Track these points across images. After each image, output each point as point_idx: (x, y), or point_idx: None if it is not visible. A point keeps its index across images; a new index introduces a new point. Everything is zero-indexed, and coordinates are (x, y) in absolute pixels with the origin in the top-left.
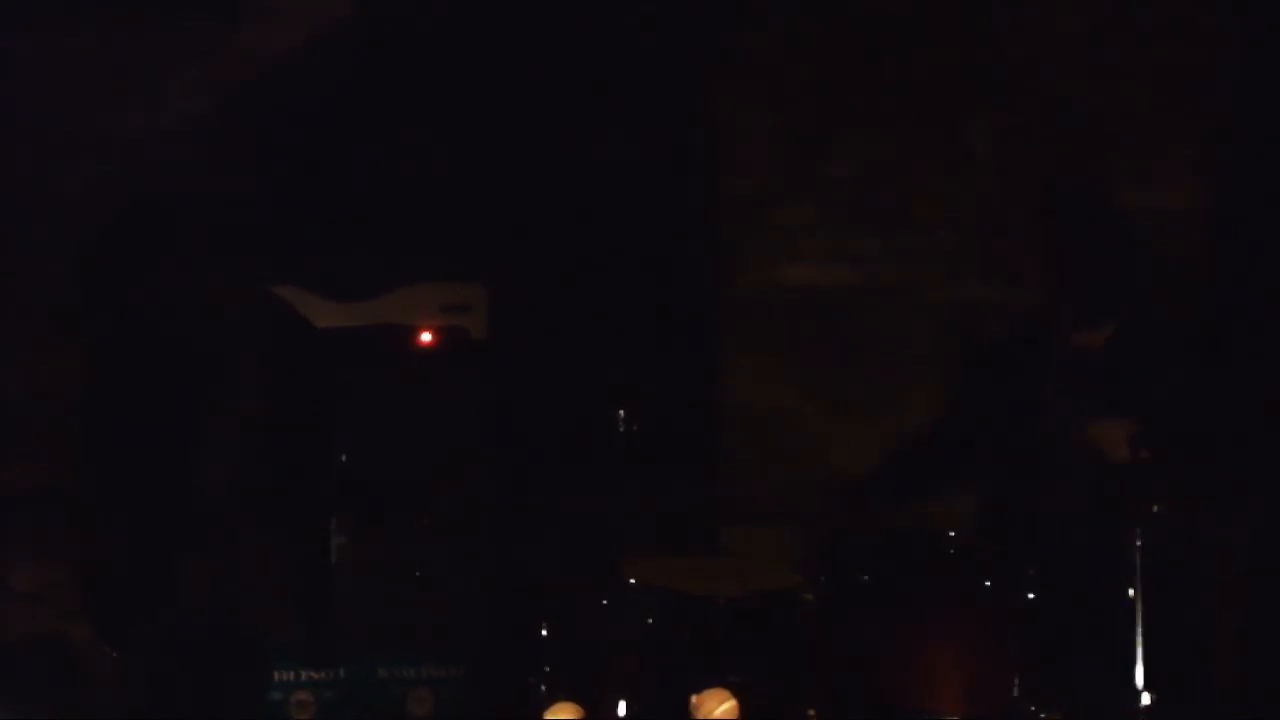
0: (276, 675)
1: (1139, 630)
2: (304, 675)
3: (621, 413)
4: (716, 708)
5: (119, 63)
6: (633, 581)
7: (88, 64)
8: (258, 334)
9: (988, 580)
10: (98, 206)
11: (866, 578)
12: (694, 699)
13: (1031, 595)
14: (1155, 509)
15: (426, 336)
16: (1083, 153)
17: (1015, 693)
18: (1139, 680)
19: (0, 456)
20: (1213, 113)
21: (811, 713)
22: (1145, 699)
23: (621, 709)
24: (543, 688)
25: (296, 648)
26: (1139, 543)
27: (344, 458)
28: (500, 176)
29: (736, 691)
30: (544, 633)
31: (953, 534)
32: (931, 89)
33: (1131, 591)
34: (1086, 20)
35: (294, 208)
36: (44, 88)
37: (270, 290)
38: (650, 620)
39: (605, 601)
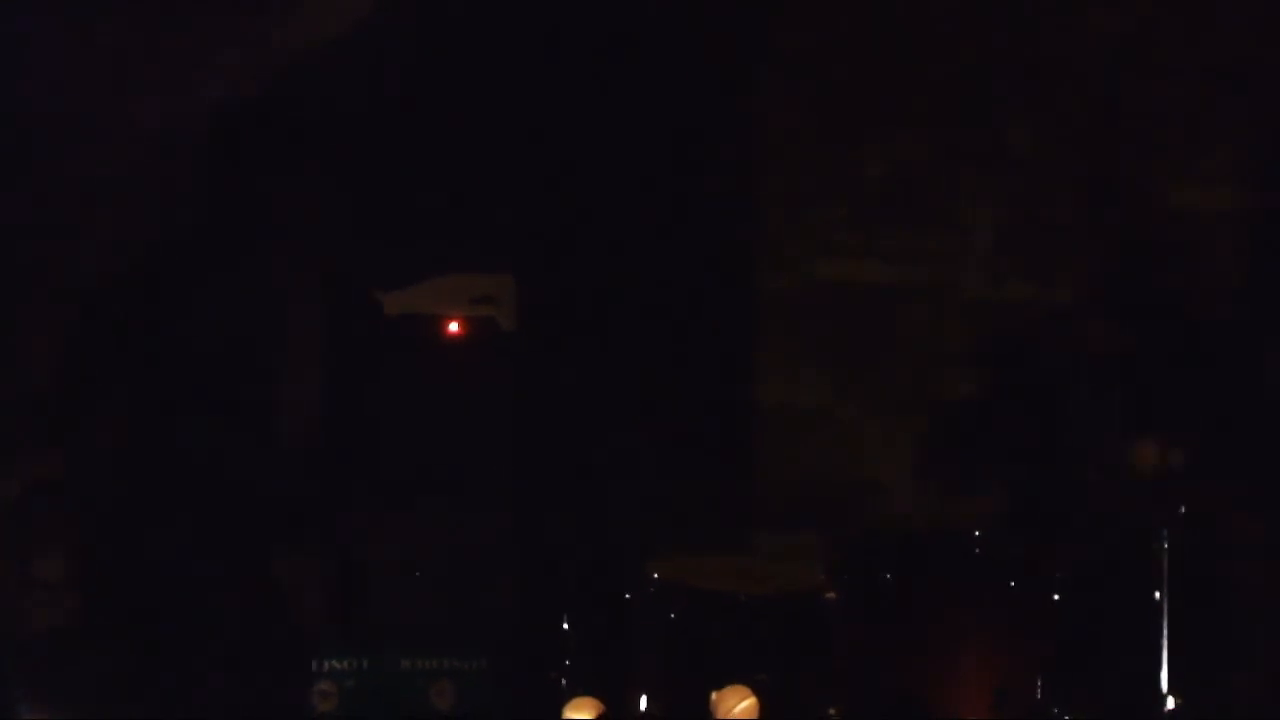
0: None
1: (1164, 633)
2: (326, 666)
3: (651, 408)
4: (736, 705)
5: (151, 52)
6: (656, 578)
7: (121, 54)
8: (285, 326)
9: (1013, 582)
10: (128, 199)
11: (890, 577)
12: (714, 696)
13: (1057, 597)
14: (1182, 511)
15: (455, 328)
16: (1119, 152)
17: (1039, 695)
18: (1164, 683)
19: (28, 449)
20: (1255, 112)
21: (833, 712)
22: (1170, 702)
23: (642, 704)
24: (564, 682)
25: (319, 639)
26: (1165, 545)
27: (369, 450)
28: (531, 169)
29: (758, 689)
30: (566, 627)
31: (978, 535)
32: (969, 86)
33: (1157, 594)
34: (1126, 17)
35: (324, 200)
36: (81, 79)
37: (300, 282)
38: (673, 617)
39: (628, 597)
